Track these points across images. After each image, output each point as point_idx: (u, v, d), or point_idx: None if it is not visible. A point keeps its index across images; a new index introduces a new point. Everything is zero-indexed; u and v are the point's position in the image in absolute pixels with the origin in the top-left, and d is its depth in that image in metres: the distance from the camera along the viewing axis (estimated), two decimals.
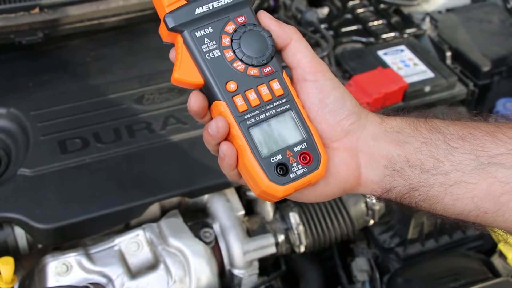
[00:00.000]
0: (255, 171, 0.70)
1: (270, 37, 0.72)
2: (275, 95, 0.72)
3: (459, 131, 0.71)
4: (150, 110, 1.40)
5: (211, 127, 0.70)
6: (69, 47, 1.58)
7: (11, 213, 1.18)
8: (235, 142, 0.71)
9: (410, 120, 0.74)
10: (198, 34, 0.71)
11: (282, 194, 0.71)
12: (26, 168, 1.25)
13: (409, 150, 0.71)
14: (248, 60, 0.71)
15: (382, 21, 1.85)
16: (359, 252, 1.52)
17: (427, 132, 0.72)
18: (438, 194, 0.70)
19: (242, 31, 0.72)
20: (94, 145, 1.32)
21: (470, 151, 0.69)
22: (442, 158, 0.70)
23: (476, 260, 1.35)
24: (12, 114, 1.37)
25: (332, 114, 0.73)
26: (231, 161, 0.71)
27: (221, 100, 0.70)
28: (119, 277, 1.19)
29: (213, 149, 0.74)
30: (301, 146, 0.71)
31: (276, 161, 0.70)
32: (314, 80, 0.73)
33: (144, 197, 1.24)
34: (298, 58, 0.73)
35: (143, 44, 1.59)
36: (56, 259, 1.19)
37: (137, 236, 1.24)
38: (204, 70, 0.70)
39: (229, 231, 1.30)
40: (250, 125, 0.70)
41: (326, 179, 0.73)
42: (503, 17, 1.89)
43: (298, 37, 0.74)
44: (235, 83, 0.71)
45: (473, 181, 0.68)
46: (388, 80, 1.56)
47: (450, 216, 0.72)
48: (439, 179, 0.69)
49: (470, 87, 1.66)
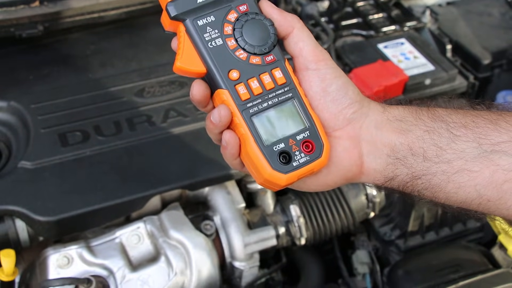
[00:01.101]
0: (258, 159, 0.70)
1: (272, 25, 0.72)
2: (278, 84, 0.72)
3: (462, 119, 0.71)
4: (151, 103, 1.40)
5: (213, 116, 0.70)
6: (69, 41, 1.58)
7: (12, 206, 1.18)
8: (237, 130, 0.71)
9: (413, 109, 0.74)
10: (200, 23, 0.70)
11: (285, 183, 0.71)
12: (27, 161, 1.25)
13: (411, 139, 0.71)
14: (250, 49, 0.71)
15: (382, 14, 1.84)
16: (359, 244, 1.53)
17: (429, 120, 0.72)
18: (441, 182, 0.70)
19: (244, 19, 0.72)
20: (95, 138, 1.32)
21: (472, 139, 0.69)
22: (444, 146, 0.70)
23: (477, 252, 1.35)
24: (12, 107, 1.37)
25: (335, 103, 0.73)
26: (234, 149, 0.71)
27: (224, 88, 0.70)
28: (120, 270, 1.19)
29: (216, 138, 0.74)
30: (304, 135, 0.71)
31: (279, 150, 0.70)
32: (316, 68, 0.73)
33: (145, 190, 1.24)
34: (300, 47, 0.73)
35: (143, 37, 1.59)
36: (57, 251, 1.19)
37: (138, 229, 1.24)
38: (206, 58, 0.70)
39: (230, 223, 1.30)
40: (253, 114, 0.70)
41: (328, 168, 0.73)
42: (503, 10, 1.90)
43: (300, 26, 0.74)
44: (237, 71, 0.71)
45: (476, 169, 0.68)
46: (388, 73, 1.56)
47: (452, 204, 0.72)
48: (442, 167, 0.69)
49: (470, 80, 1.66)
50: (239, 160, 0.73)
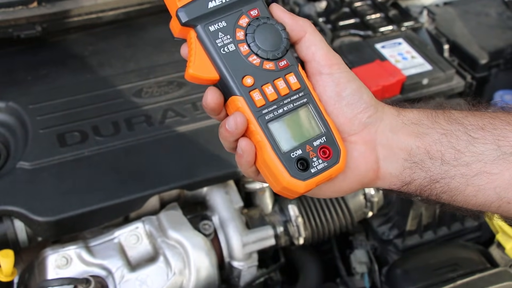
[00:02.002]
0: (275, 167, 0.69)
1: (284, 30, 0.71)
2: (292, 89, 0.71)
3: (479, 121, 0.70)
4: (149, 103, 1.40)
5: (229, 124, 0.69)
6: (67, 41, 1.58)
7: (11, 206, 1.18)
8: (253, 138, 0.70)
9: (428, 112, 0.73)
10: (212, 29, 0.69)
11: (304, 190, 0.69)
12: (25, 161, 1.25)
13: (428, 142, 0.70)
14: (263, 54, 0.70)
15: (380, 15, 1.85)
16: (358, 244, 1.53)
17: (446, 123, 0.71)
18: (460, 186, 0.69)
19: (256, 24, 0.71)
20: (93, 138, 1.32)
21: (491, 141, 0.68)
22: (463, 149, 0.69)
23: (475, 251, 1.35)
24: (11, 108, 1.37)
25: (350, 107, 0.71)
26: (250, 157, 0.70)
27: (238, 95, 0.69)
28: (118, 270, 1.19)
29: (230, 146, 0.73)
30: (321, 140, 0.70)
31: (296, 156, 0.69)
32: (329, 73, 0.71)
33: (143, 190, 1.24)
34: (313, 51, 0.72)
35: (141, 38, 1.59)
36: (56, 252, 1.19)
37: (137, 229, 1.24)
38: (219, 65, 0.69)
39: (228, 223, 1.30)
40: (269, 120, 0.69)
41: (344, 174, 0.72)
42: (500, 10, 1.90)
43: (312, 30, 0.73)
44: (251, 77, 0.69)
45: (496, 171, 0.67)
46: (386, 73, 1.56)
47: (471, 207, 0.71)
48: (461, 170, 0.69)
49: (468, 79, 1.67)
50: (255, 168, 0.72)
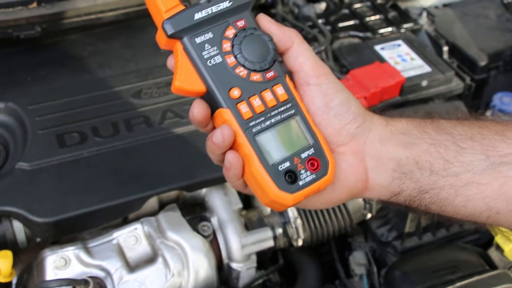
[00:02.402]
0: (263, 180, 0.68)
1: (271, 40, 0.71)
2: (280, 101, 0.70)
3: (468, 131, 0.70)
4: (148, 104, 1.40)
5: (216, 136, 0.68)
6: (67, 42, 1.58)
7: (10, 207, 1.18)
8: (241, 150, 0.69)
9: (416, 122, 0.73)
10: (198, 40, 0.69)
11: (292, 203, 0.69)
12: (24, 162, 1.25)
13: (417, 152, 0.70)
14: (250, 66, 0.69)
15: (379, 16, 1.85)
16: (356, 246, 1.53)
17: (434, 133, 0.71)
18: (449, 196, 0.69)
19: (243, 35, 0.70)
20: (92, 139, 1.31)
21: (480, 151, 0.68)
22: (451, 159, 0.69)
23: (473, 253, 1.35)
24: (10, 108, 1.37)
25: (338, 118, 0.71)
26: (237, 170, 0.69)
27: (225, 107, 0.68)
28: (117, 271, 1.19)
29: (217, 159, 0.72)
30: (309, 152, 0.70)
31: (284, 169, 0.68)
32: (317, 83, 0.71)
33: (142, 191, 1.24)
34: (301, 62, 0.72)
35: (140, 39, 1.59)
36: (55, 253, 1.19)
37: (135, 230, 1.24)
38: (206, 77, 0.68)
39: (227, 224, 1.30)
40: (256, 133, 0.69)
41: (333, 185, 0.72)
42: (499, 12, 1.90)
43: (299, 40, 0.72)
44: (238, 89, 0.69)
45: (485, 181, 0.67)
46: (385, 74, 1.56)
47: (460, 217, 0.71)
48: (450, 180, 0.69)
49: (467, 81, 1.67)
50: (242, 180, 0.71)
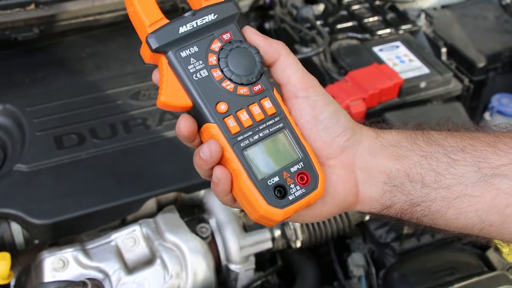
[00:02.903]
0: (252, 195, 0.66)
1: (258, 53, 0.70)
2: (267, 114, 0.69)
3: (459, 142, 0.69)
4: (146, 106, 1.40)
5: (203, 152, 0.66)
6: (65, 43, 1.59)
7: (8, 209, 1.18)
8: (229, 166, 0.67)
9: (407, 133, 0.72)
10: (184, 54, 0.67)
11: (282, 218, 0.67)
12: (22, 164, 1.25)
13: (408, 165, 0.69)
14: (237, 79, 0.68)
15: (378, 18, 1.85)
16: (355, 247, 1.53)
17: (425, 145, 0.70)
18: (441, 209, 0.68)
19: (229, 48, 0.69)
20: (90, 140, 1.32)
21: (472, 163, 0.67)
22: (443, 171, 0.68)
23: (472, 255, 1.36)
24: (8, 110, 1.37)
25: (327, 131, 0.70)
26: (226, 186, 0.68)
27: (212, 122, 0.67)
28: (115, 273, 1.19)
29: (205, 174, 0.70)
30: (298, 166, 0.68)
31: (273, 184, 0.67)
32: (305, 96, 0.70)
33: (141, 193, 1.24)
34: (288, 74, 0.70)
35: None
36: (53, 254, 1.19)
37: (134, 232, 1.24)
38: (192, 91, 0.67)
39: (225, 226, 1.30)
40: (244, 147, 0.67)
41: (323, 199, 0.70)
42: (498, 14, 1.91)
43: (286, 52, 0.71)
44: (225, 103, 0.67)
45: (477, 193, 0.66)
46: (383, 76, 1.56)
47: (452, 230, 0.70)
48: (441, 193, 0.68)
49: (465, 83, 1.67)
50: (231, 196, 0.69)
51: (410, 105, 1.59)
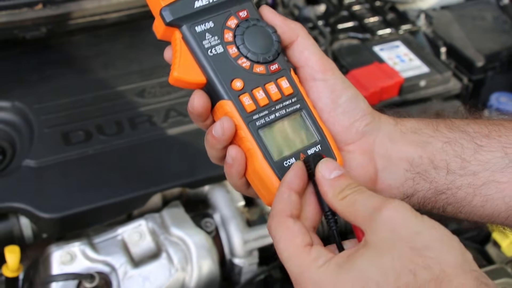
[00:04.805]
0: (267, 176, 0.63)
1: (275, 32, 0.68)
2: (284, 94, 0.66)
3: (483, 128, 0.67)
4: (152, 103, 1.42)
5: (215, 129, 0.64)
6: (72, 42, 1.60)
7: (17, 203, 1.20)
8: (243, 145, 0.65)
9: (427, 121, 0.69)
10: (199, 29, 0.65)
11: None
12: (30, 160, 1.27)
13: (431, 151, 0.66)
14: (253, 57, 0.66)
15: (378, 18, 1.87)
16: None
17: (448, 131, 0.67)
18: (467, 196, 0.66)
19: (245, 26, 0.67)
20: (97, 137, 1.33)
21: (498, 148, 0.65)
22: (469, 157, 0.65)
23: (471, 249, 1.37)
24: (16, 107, 1.39)
25: (346, 115, 0.68)
26: (241, 166, 0.65)
27: (227, 99, 0.64)
28: (122, 266, 1.21)
29: (217, 155, 0.67)
30: (315, 149, 0.65)
31: (289, 165, 0.63)
32: (323, 79, 0.68)
33: (146, 188, 1.25)
34: (306, 56, 0.68)
35: (144, 39, 1.61)
36: (61, 248, 1.21)
37: (140, 226, 1.26)
38: (206, 67, 0.64)
39: (230, 221, 1.32)
40: (260, 126, 0.64)
41: None
42: (496, 14, 1.93)
43: (304, 33, 0.69)
44: (241, 81, 0.65)
45: (504, 180, 0.64)
46: (384, 74, 1.59)
47: (477, 219, 0.68)
48: (468, 179, 0.65)
49: (464, 82, 1.69)
50: (245, 179, 0.66)
51: (410, 103, 1.61)
